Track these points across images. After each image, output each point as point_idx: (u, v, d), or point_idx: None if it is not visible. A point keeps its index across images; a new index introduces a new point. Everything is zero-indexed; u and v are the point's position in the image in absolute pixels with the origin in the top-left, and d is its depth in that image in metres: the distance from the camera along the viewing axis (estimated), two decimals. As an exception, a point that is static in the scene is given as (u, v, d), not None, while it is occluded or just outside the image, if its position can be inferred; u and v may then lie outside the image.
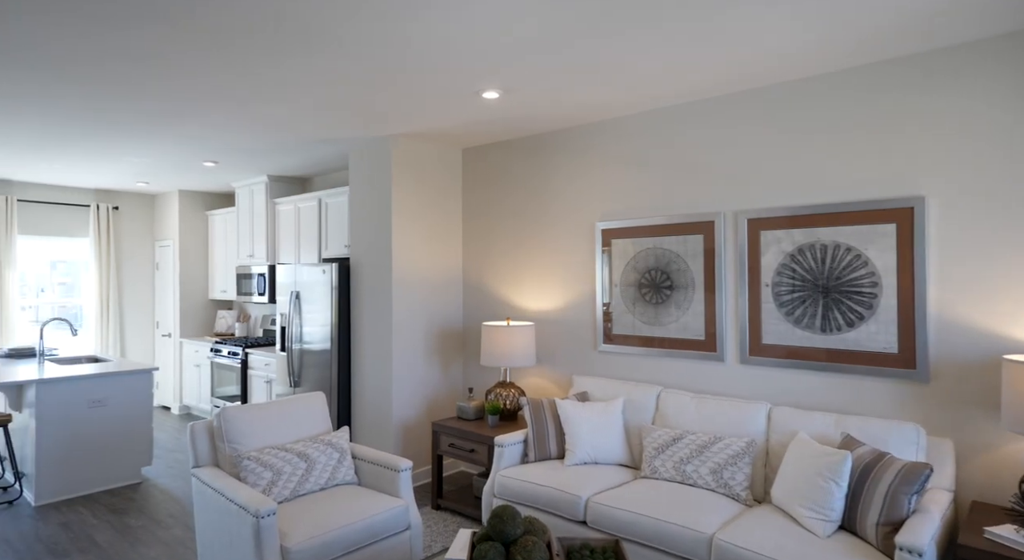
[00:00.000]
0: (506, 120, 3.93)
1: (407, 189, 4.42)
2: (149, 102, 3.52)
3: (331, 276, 4.62)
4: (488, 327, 3.97)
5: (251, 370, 5.78)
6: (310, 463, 2.98)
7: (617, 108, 3.67)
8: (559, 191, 4.17)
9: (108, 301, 6.79)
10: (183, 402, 6.87)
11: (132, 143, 4.56)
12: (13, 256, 6.15)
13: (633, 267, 3.75)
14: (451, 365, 4.73)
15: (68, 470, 4.19)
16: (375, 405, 4.45)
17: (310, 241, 5.60)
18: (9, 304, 6.11)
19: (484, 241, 4.65)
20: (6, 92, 3.32)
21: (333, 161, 5.38)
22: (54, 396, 4.15)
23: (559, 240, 4.17)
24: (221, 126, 4.07)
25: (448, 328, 4.70)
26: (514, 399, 3.96)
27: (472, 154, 4.74)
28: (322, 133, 4.29)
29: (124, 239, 7.05)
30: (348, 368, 4.67)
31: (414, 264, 4.46)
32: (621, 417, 3.43)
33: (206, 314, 7.09)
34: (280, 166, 5.58)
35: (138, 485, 4.46)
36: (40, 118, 3.85)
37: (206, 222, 7.10)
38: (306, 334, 4.85)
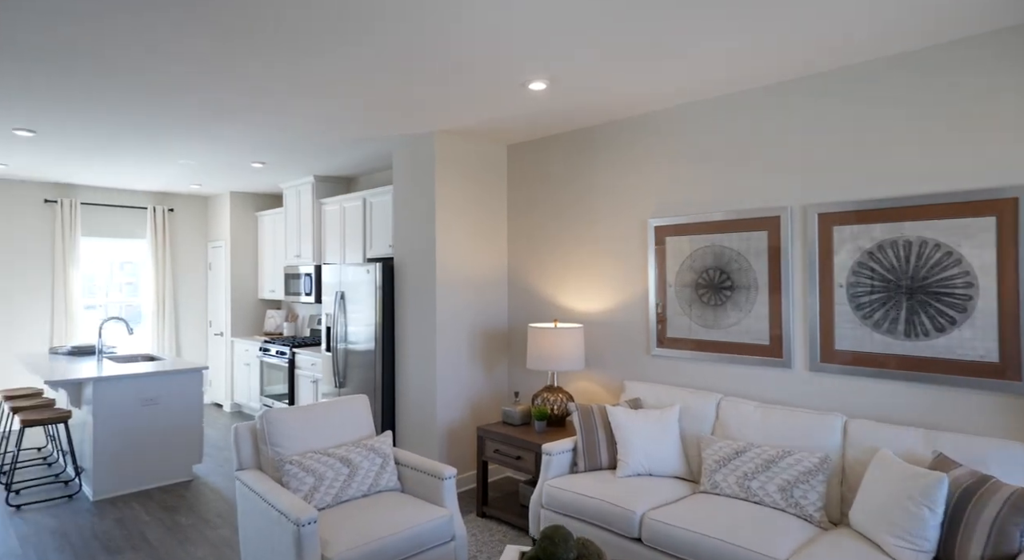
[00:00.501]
0: (552, 113, 3.76)
1: (451, 187, 4.31)
2: (195, 104, 3.52)
3: (375, 276, 4.56)
4: (534, 329, 3.81)
5: (298, 370, 5.81)
6: (353, 468, 2.89)
7: (671, 97, 3.45)
8: (608, 187, 3.97)
9: (164, 300, 6.98)
10: (234, 400, 6.99)
11: (182, 145, 4.62)
12: (77, 257, 6.38)
13: (689, 266, 3.52)
14: (496, 368, 4.59)
15: (123, 466, 4.27)
16: (419, 407, 4.36)
17: (355, 241, 5.57)
18: (74, 303, 6.34)
19: (530, 240, 4.50)
20: (70, 97, 3.38)
21: (377, 160, 5.34)
22: (109, 394, 4.23)
23: (608, 238, 3.97)
24: (265, 126, 4.06)
25: (493, 329, 4.57)
26: (562, 404, 3.79)
27: (517, 150, 4.59)
28: (365, 131, 4.23)
29: (179, 240, 7.24)
30: (392, 369, 4.60)
31: (458, 263, 4.35)
32: (677, 426, 3.22)
33: (256, 313, 7.20)
34: (326, 166, 5.58)
35: (189, 482, 4.51)
36: (99, 122, 3.92)
37: (256, 223, 7.21)
38: (351, 334, 4.81)
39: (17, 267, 6.13)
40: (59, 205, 6.29)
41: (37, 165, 5.40)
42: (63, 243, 6.30)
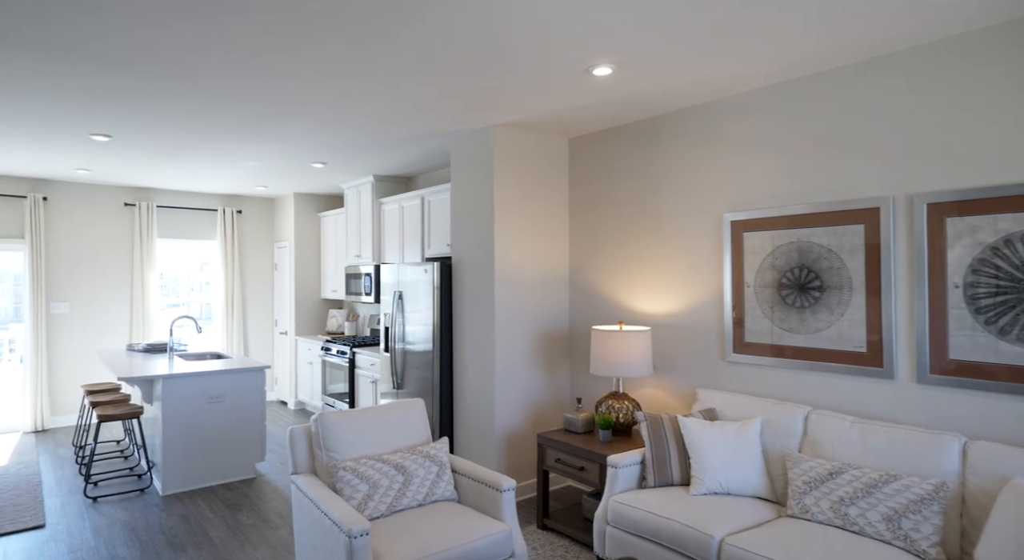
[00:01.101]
0: (618, 102, 3.52)
1: (510, 183, 4.14)
2: (254, 104, 3.51)
3: (433, 275, 4.46)
4: (599, 332, 3.58)
5: (358, 369, 5.81)
6: (408, 476, 2.76)
7: (749, 79, 3.14)
8: (678, 180, 3.69)
9: (233, 299, 7.18)
10: (298, 398, 7.10)
11: (245, 146, 4.68)
12: (153, 257, 6.65)
13: (771, 265, 3.20)
14: (556, 372, 4.39)
15: (190, 462, 4.35)
16: (477, 410, 4.22)
17: (414, 240, 5.51)
18: (150, 302, 6.60)
19: (593, 238, 4.26)
20: (142, 101, 3.44)
21: (436, 157, 5.24)
22: (177, 391, 4.32)
23: (678, 235, 3.69)
24: (323, 124, 4.02)
25: (553, 331, 4.37)
26: (628, 413, 3.55)
27: (579, 143, 4.37)
28: (422, 126, 4.12)
29: (247, 241, 7.43)
30: (450, 371, 4.48)
31: (517, 262, 4.17)
32: (759, 441, 2.91)
33: (319, 313, 7.29)
34: (385, 165, 5.54)
35: (252, 480, 4.56)
36: (167, 125, 4.00)
37: (318, 223, 7.31)
38: (409, 334, 4.73)
39: (100, 268, 6.44)
40: (137, 208, 6.57)
41: (116, 170, 5.63)
42: (140, 245, 6.57)
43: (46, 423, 6.09)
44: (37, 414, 6.01)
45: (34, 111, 3.70)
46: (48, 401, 6.14)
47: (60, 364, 6.23)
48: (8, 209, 5.96)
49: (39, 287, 6.01)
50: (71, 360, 6.29)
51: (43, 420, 6.05)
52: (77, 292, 6.32)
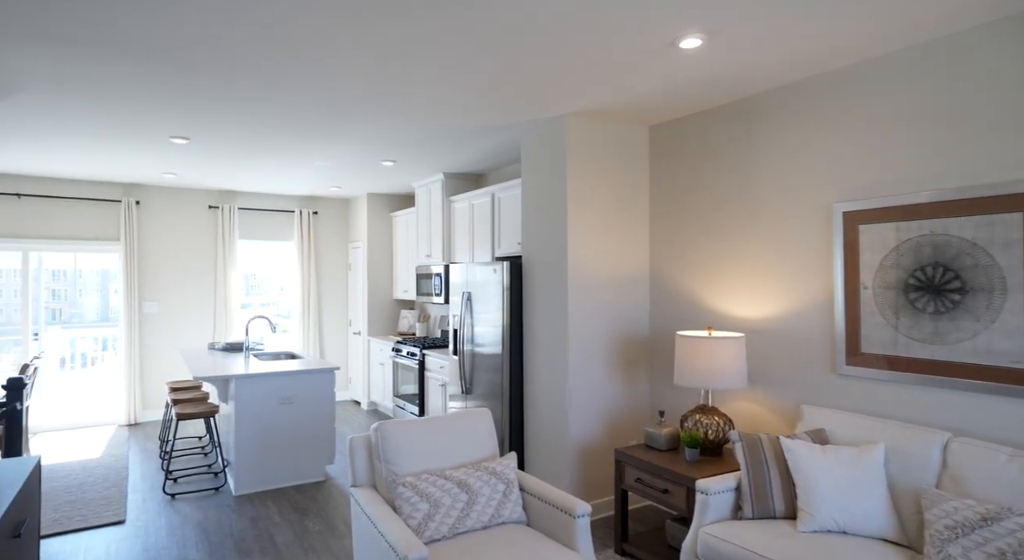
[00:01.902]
0: (706, 81, 3.13)
1: (584, 176, 3.83)
2: (318, 100, 3.40)
3: (502, 275, 4.22)
4: (684, 338, 3.21)
5: (427, 372, 5.68)
6: (472, 495, 2.53)
7: (865, 46, 2.67)
8: (777, 167, 3.25)
9: (309, 299, 7.29)
10: (370, 398, 7.10)
11: (316, 144, 4.64)
12: (235, 258, 6.84)
13: (895, 262, 2.71)
14: (635, 380, 4.03)
15: (262, 463, 4.34)
16: (549, 418, 3.93)
17: (484, 239, 5.31)
18: (231, 302, 6.80)
19: (676, 234, 3.88)
20: (215, 101, 3.43)
21: (506, 152, 5.01)
22: (249, 391, 4.32)
23: (777, 230, 3.25)
24: (390, 115, 3.88)
25: (632, 336, 4.01)
26: (719, 430, 3.15)
27: (661, 131, 3.99)
28: (490, 117, 3.89)
29: (322, 241, 7.53)
30: (520, 375, 4.23)
31: (592, 261, 3.85)
32: (883, 471, 2.45)
33: (391, 313, 7.27)
34: (454, 162, 5.38)
35: (322, 483, 4.50)
36: (240, 126, 4.00)
37: (391, 223, 7.29)
38: (478, 337, 4.53)
39: (186, 269, 6.70)
40: (220, 210, 6.78)
41: (199, 173, 5.81)
42: (223, 246, 6.78)
43: (138, 417, 6.38)
44: (130, 408, 6.31)
45: (120, 115, 3.78)
46: (140, 396, 6.44)
47: (151, 361, 6.52)
48: (105, 213, 6.29)
49: (132, 287, 6.30)
50: (160, 357, 6.57)
51: (136, 414, 6.35)
52: (165, 292, 6.60)
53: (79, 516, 3.84)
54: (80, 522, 3.74)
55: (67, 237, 6.11)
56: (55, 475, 4.65)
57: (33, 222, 5.97)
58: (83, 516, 3.84)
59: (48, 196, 6.00)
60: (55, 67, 2.94)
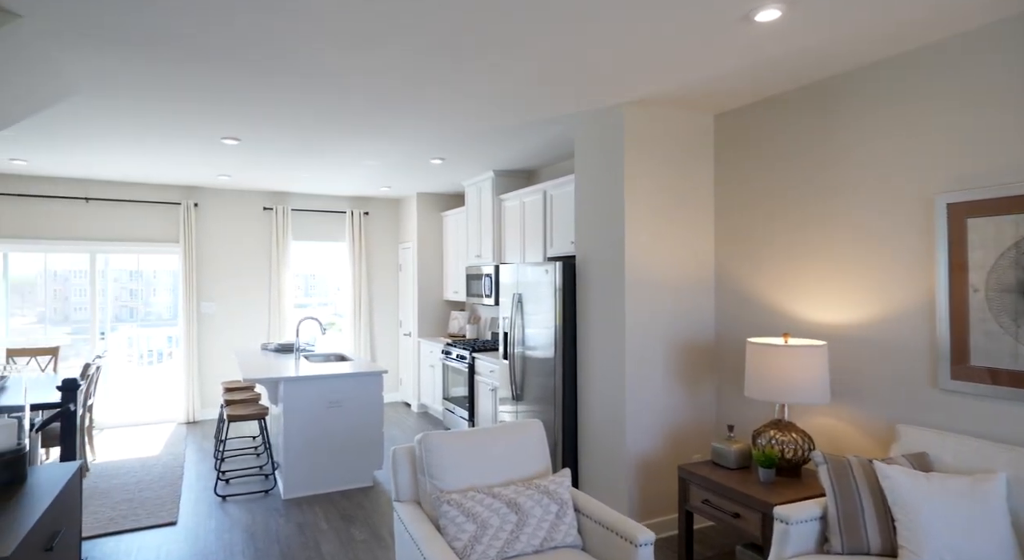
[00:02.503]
0: (782, 60, 2.81)
1: (643, 169, 3.56)
2: (362, 94, 3.28)
3: (554, 276, 4.00)
4: (756, 346, 2.89)
5: (477, 376, 5.52)
6: (522, 516, 2.32)
7: (969, 13, 2.30)
8: (864, 155, 2.89)
9: (360, 300, 7.28)
10: (420, 401, 7.02)
11: (363, 142, 4.55)
12: (288, 259, 6.90)
13: (1014, 261, 2.33)
14: (699, 390, 3.73)
15: (310, 467, 4.28)
16: (604, 428, 3.68)
17: (535, 238, 5.10)
18: (284, 302, 6.86)
19: (745, 231, 3.55)
20: (265, 99, 3.37)
21: (559, 147, 4.78)
22: (297, 393, 4.27)
23: (865, 224, 2.89)
24: (438, 108, 3.72)
25: (695, 342, 3.71)
26: (797, 449, 2.82)
27: (728, 120, 3.67)
28: (542, 108, 3.67)
29: (373, 242, 7.51)
30: (573, 381, 4.00)
31: (652, 261, 3.58)
32: (1004, 506, 2.09)
33: (441, 314, 7.16)
34: (505, 159, 5.19)
35: (369, 489, 4.40)
36: (288, 124, 3.95)
37: (441, 223, 7.18)
38: (529, 340, 4.32)
39: (241, 269, 6.80)
40: (274, 212, 6.85)
41: (252, 175, 5.85)
42: (277, 247, 6.85)
43: (197, 415, 6.52)
44: (189, 407, 6.44)
45: (170, 116, 3.78)
46: (199, 395, 6.57)
47: (208, 360, 6.64)
48: (166, 215, 6.45)
49: (191, 288, 6.44)
50: (217, 356, 6.69)
51: (194, 412, 6.48)
52: (222, 292, 6.71)
53: (133, 515, 3.87)
54: (133, 522, 3.76)
55: (131, 239, 6.29)
56: (116, 472, 4.75)
57: (100, 224, 6.17)
58: (137, 516, 3.87)
59: (113, 199, 6.20)
60: (108, 69, 2.93)
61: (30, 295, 6.05)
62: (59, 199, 6.00)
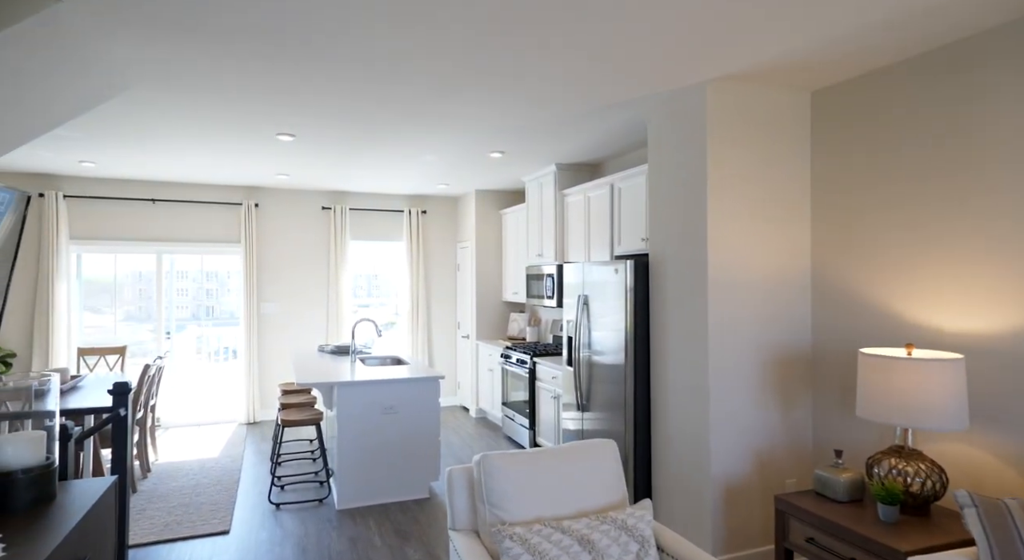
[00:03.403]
0: (897, 23, 2.34)
1: (728, 156, 3.15)
2: (422, 83, 3.02)
3: (625, 276, 3.63)
4: (873, 358, 2.44)
5: (538, 382, 5.20)
6: (596, 555, 1.98)
7: None
8: (1011, 133, 2.38)
9: (417, 301, 7.11)
10: (479, 405, 6.77)
11: (421, 136, 4.32)
12: (346, 259, 6.81)
13: None
14: (792, 406, 3.27)
15: (364, 476, 4.09)
16: (683, 445, 3.28)
17: (601, 235, 4.73)
18: (343, 303, 6.77)
19: (849, 224, 3.07)
20: (319, 91, 3.19)
21: (628, 135, 4.40)
22: (351, 399, 4.09)
23: (1007, 214, 2.38)
24: (497, 95, 3.43)
25: (788, 350, 3.25)
26: (926, 482, 2.35)
27: (827, 97, 3.20)
28: (612, 91, 3.31)
29: (431, 241, 7.33)
30: (646, 389, 3.62)
31: (738, 258, 3.15)
32: None
33: (500, 316, 6.89)
34: (568, 151, 4.85)
35: (425, 501, 4.17)
36: (345, 118, 3.76)
37: (500, 221, 6.91)
38: (595, 344, 3.96)
39: (300, 270, 6.76)
40: (332, 211, 6.78)
41: (310, 173, 5.77)
42: (335, 247, 6.77)
43: (257, 416, 6.51)
44: (250, 407, 6.44)
45: (224, 111, 3.67)
46: (259, 395, 6.57)
47: (268, 361, 6.63)
48: (228, 216, 6.48)
49: (252, 288, 6.44)
50: (277, 357, 6.67)
51: (254, 413, 6.48)
52: (282, 293, 6.69)
53: (188, 522, 3.78)
54: (188, 529, 3.67)
55: (195, 240, 6.35)
56: (175, 474, 4.73)
57: (165, 225, 6.26)
58: (192, 522, 3.77)
59: (178, 201, 6.27)
60: (160, 60, 2.80)
61: (102, 295, 6.20)
62: (127, 201, 6.11)
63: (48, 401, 4.07)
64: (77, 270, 6.09)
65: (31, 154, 4.89)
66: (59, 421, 1.96)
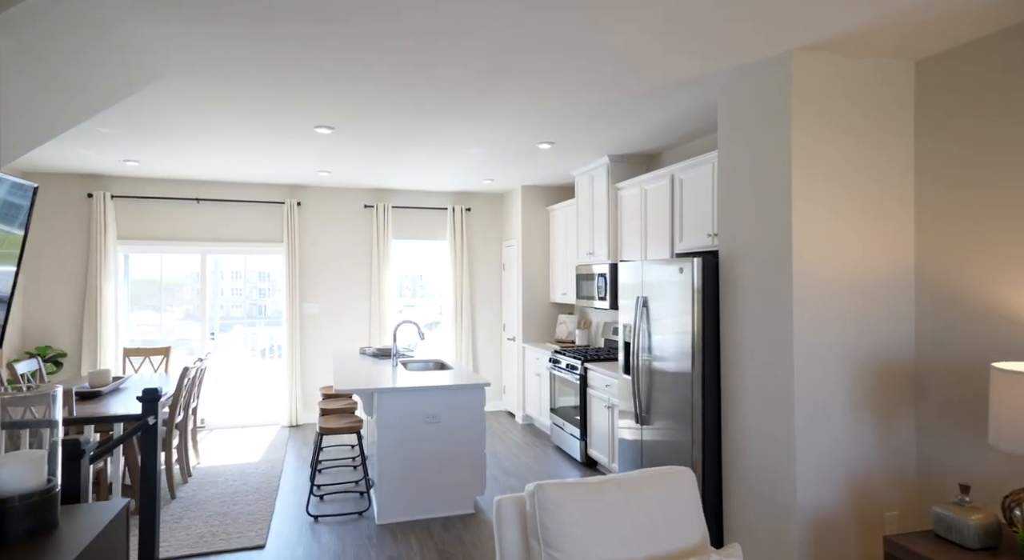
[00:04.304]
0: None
1: (816, 137, 2.73)
2: (468, 58, 2.73)
3: (692, 276, 3.25)
4: (1010, 375, 1.99)
5: (591, 389, 4.85)
6: (677, 614, 1.63)
7: None
8: None
9: (461, 302, 6.85)
10: (525, 411, 6.45)
11: (467, 126, 4.04)
12: (389, 259, 6.61)
13: None
14: (893, 424, 2.82)
15: (406, 489, 3.83)
16: (762, 468, 2.88)
17: (659, 232, 4.35)
18: (385, 304, 6.57)
19: (962, 215, 2.61)
20: (356, 75, 2.95)
21: (689, 121, 4.00)
22: (392, 406, 3.84)
23: None
24: (548, 77, 3.11)
25: (887, 361, 2.80)
26: (1091, 532, 1.89)
27: (934, 67, 2.74)
28: (676, 69, 2.94)
29: (475, 240, 7.07)
30: (716, 400, 3.23)
31: (827, 254, 2.73)
32: None
33: (547, 318, 6.56)
34: (622, 140, 4.48)
35: (470, 518, 3.88)
36: (384, 101, 3.52)
37: (547, 218, 6.58)
38: (656, 350, 3.59)
39: (342, 269, 6.60)
40: (375, 209, 6.59)
41: (351, 170, 5.58)
42: (377, 246, 6.58)
43: (299, 419, 6.39)
44: (292, 410, 6.32)
45: (259, 101, 3.48)
46: (301, 398, 6.44)
47: (311, 362, 6.50)
48: (271, 215, 6.39)
49: (294, 288, 6.32)
50: (318, 359, 6.53)
51: (296, 416, 6.35)
52: (323, 293, 6.55)
53: (224, 533, 3.61)
54: (223, 542, 3.49)
55: (238, 239, 6.28)
56: (216, 479, 4.60)
57: (209, 225, 6.20)
58: (227, 534, 3.60)
59: (222, 200, 6.20)
60: (190, 42, 2.60)
61: (148, 296, 6.19)
62: (172, 201, 6.08)
63: (126, 396, 3.91)
64: (125, 270, 6.09)
65: (76, 153, 4.86)
66: (61, 436, 1.75)
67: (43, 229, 5.74)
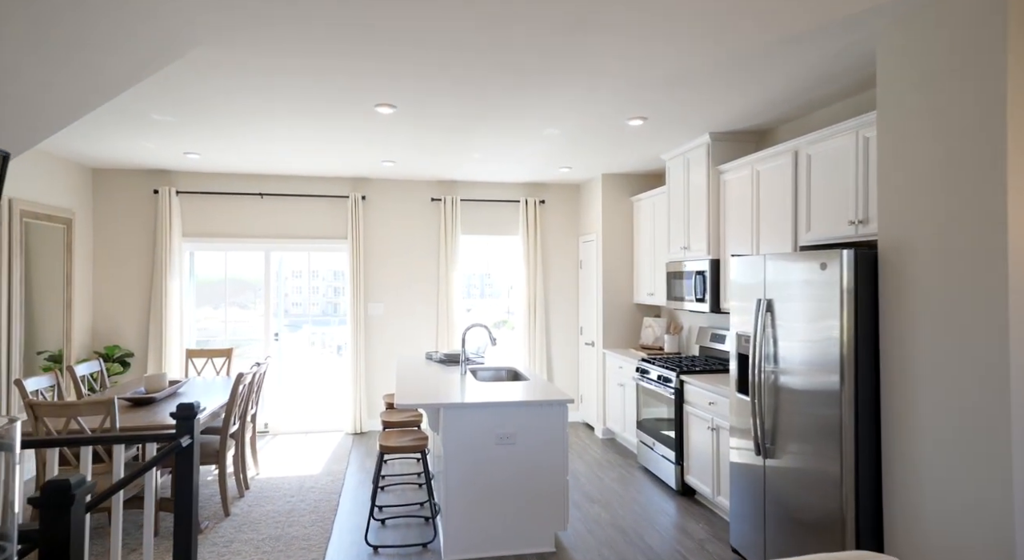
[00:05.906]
0: None
1: (1035, 79, 1.96)
2: (545, 15, 2.16)
3: (840, 272, 2.53)
4: None
5: (688, 406, 4.15)
6: None
7: None
8: None
9: (535, 303, 6.29)
10: (606, 425, 5.81)
11: (544, 103, 3.46)
12: (457, 256, 6.14)
13: None
14: None
15: (476, 521, 3.31)
16: (953, 516, 2.14)
17: (777, 220, 3.61)
18: (453, 305, 6.11)
19: None
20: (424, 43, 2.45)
21: (819, 84, 3.24)
22: (459, 424, 3.32)
23: None
24: (637, 33, 2.47)
25: None
26: None
27: None
28: (817, 8, 2.23)
29: (549, 235, 6.48)
30: (875, 428, 2.50)
31: (1057, 244, 1.96)
32: None
33: (631, 321, 5.89)
34: (726, 115, 3.77)
35: (551, 557, 3.30)
36: (447, 73, 3.00)
37: (631, 210, 5.91)
38: (784, 362, 2.88)
39: (408, 267, 6.19)
40: (442, 203, 6.14)
41: (417, 159, 5.14)
42: (445, 242, 6.13)
43: (364, 426, 6.03)
44: (356, 416, 5.97)
45: (317, 73, 3.05)
46: (366, 403, 6.08)
47: (374, 366, 6.13)
48: (335, 210, 6.06)
49: (358, 287, 5.96)
50: (384, 362, 6.15)
51: (360, 423, 5.99)
52: (389, 293, 6.16)
53: (274, 563, 3.20)
54: (272, 574, 3.08)
55: (302, 236, 5.99)
56: (273, 494, 4.25)
57: (273, 221, 5.94)
58: (278, 564, 3.19)
59: (285, 194, 5.93)
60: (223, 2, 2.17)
61: (212, 295, 6.01)
62: (235, 196, 5.86)
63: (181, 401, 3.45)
64: (190, 268, 5.93)
65: (136, 145, 4.65)
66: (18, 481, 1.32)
67: (112, 226, 5.64)
